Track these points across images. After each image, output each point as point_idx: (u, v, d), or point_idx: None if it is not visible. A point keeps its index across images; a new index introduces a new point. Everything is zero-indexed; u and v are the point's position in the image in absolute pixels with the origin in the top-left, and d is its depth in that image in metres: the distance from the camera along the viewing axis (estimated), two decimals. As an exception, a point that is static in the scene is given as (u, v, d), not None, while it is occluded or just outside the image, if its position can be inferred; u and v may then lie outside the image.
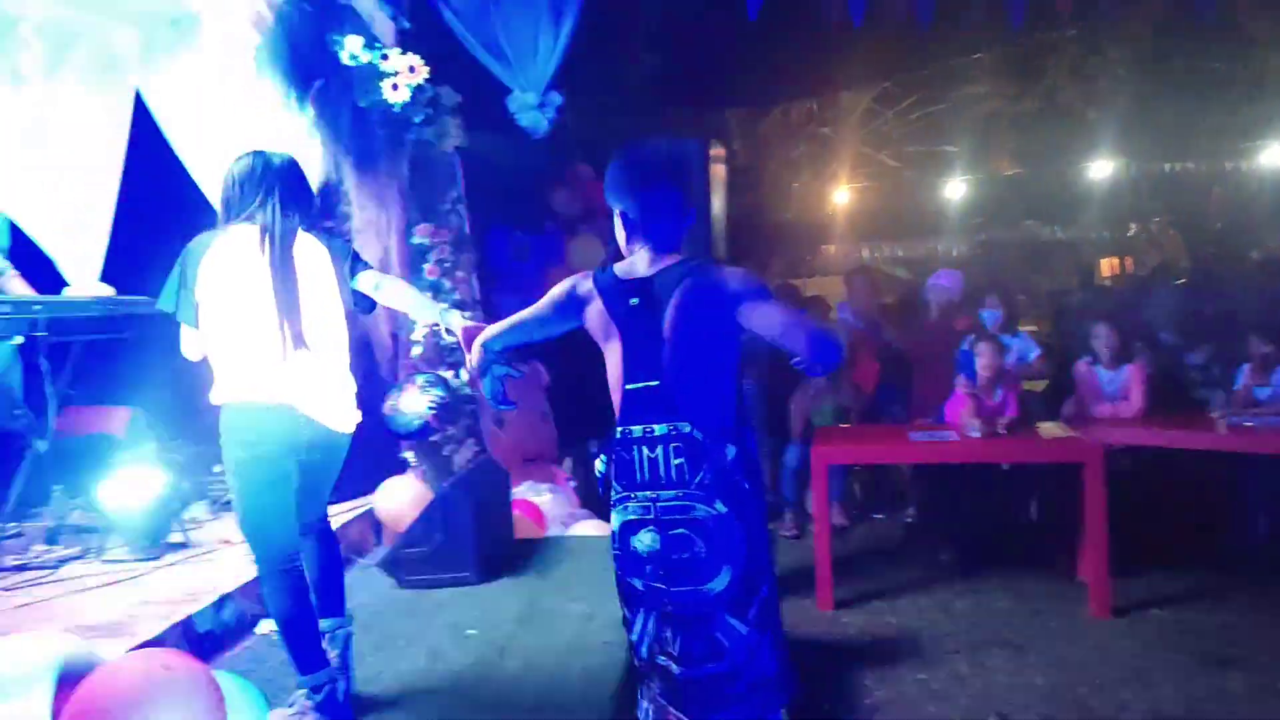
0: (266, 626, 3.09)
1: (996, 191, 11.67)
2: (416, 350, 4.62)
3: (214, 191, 4.59)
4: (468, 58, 4.84)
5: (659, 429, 1.89)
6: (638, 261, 2.00)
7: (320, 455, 2.41)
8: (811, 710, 3.00)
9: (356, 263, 2.50)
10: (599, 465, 2.17)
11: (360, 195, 4.34)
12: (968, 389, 4.36)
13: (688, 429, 1.88)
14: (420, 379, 4.45)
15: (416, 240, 4.52)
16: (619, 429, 1.94)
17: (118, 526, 3.55)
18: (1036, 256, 11.82)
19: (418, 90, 4.22)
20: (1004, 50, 9.18)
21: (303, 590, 2.30)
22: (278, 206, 2.35)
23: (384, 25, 4.31)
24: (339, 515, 4.16)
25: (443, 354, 4.65)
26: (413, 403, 4.39)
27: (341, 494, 4.43)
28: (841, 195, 11.47)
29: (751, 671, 1.90)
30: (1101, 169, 11.00)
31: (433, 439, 4.51)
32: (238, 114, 4.42)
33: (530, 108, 4.83)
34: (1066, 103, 10.49)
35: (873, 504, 5.72)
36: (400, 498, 4.21)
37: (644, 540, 1.90)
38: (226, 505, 4.46)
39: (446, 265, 4.60)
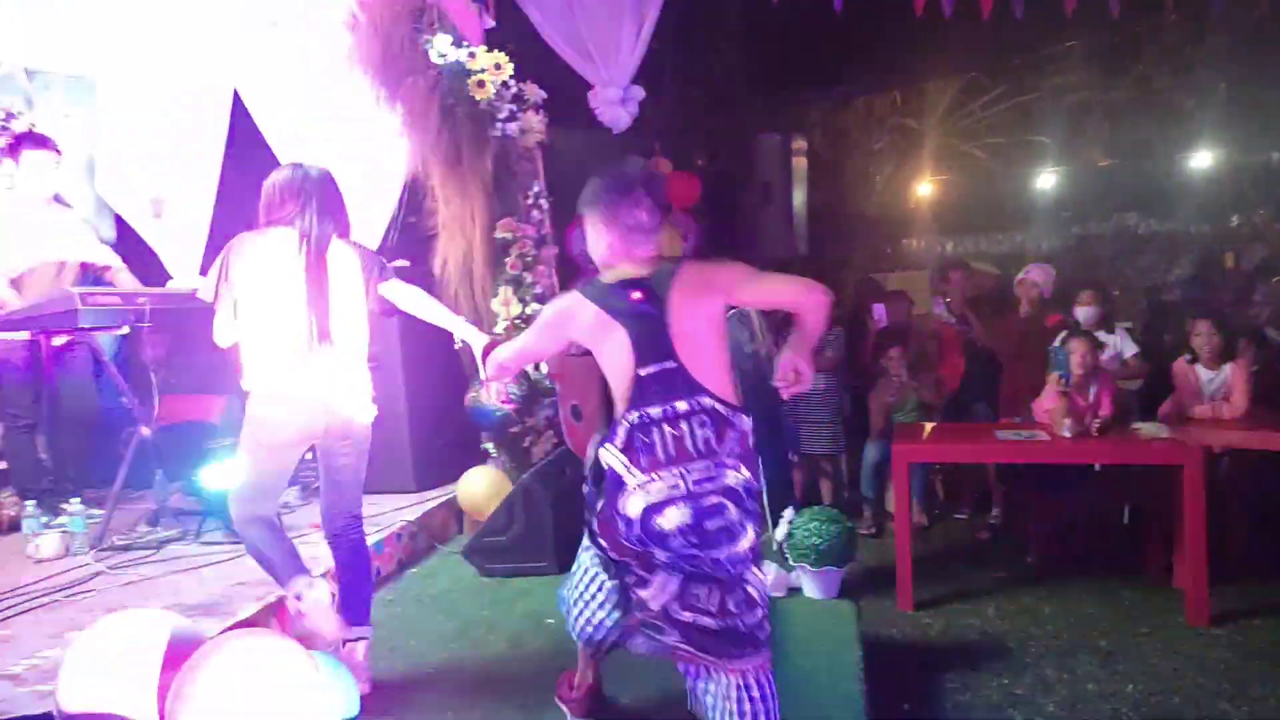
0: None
1: (1089, 183, 11.26)
2: (498, 343, 4.69)
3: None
4: (551, 54, 4.91)
5: (681, 405, 1.99)
6: (625, 268, 2.15)
7: (339, 444, 2.66)
8: (891, 711, 2.96)
9: (383, 271, 2.80)
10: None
11: (446, 190, 4.43)
12: (1060, 386, 4.23)
13: (710, 403, 2.00)
14: (501, 372, 4.52)
15: (499, 235, 4.60)
16: (634, 414, 2.00)
17: (215, 510, 3.71)
18: (1131, 250, 11.37)
19: (502, 87, 4.28)
20: (1097, 38, 8.84)
21: (274, 525, 2.61)
22: (315, 214, 2.60)
23: (471, 24, 4.38)
24: (424, 503, 4.27)
25: (523, 348, 4.72)
26: (493, 395, 4.46)
27: (425, 483, 4.55)
28: (925, 188, 11.23)
29: (766, 614, 2.11)
30: (1200, 159, 10.51)
31: (512, 431, 4.58)
32: (330, 113, 4.57)
33: (612, 103, 4.87)
34: (1162, 91, 10.05)
35: (955, 504, 5.59)
36: (481, 487, 4.29)
37: (672, 516, 1.96)
38: (316, 491, 4.63)
39: (528, 259, 4.66)
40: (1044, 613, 3.88)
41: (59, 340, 3.85)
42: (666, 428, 1.98)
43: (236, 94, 4.82)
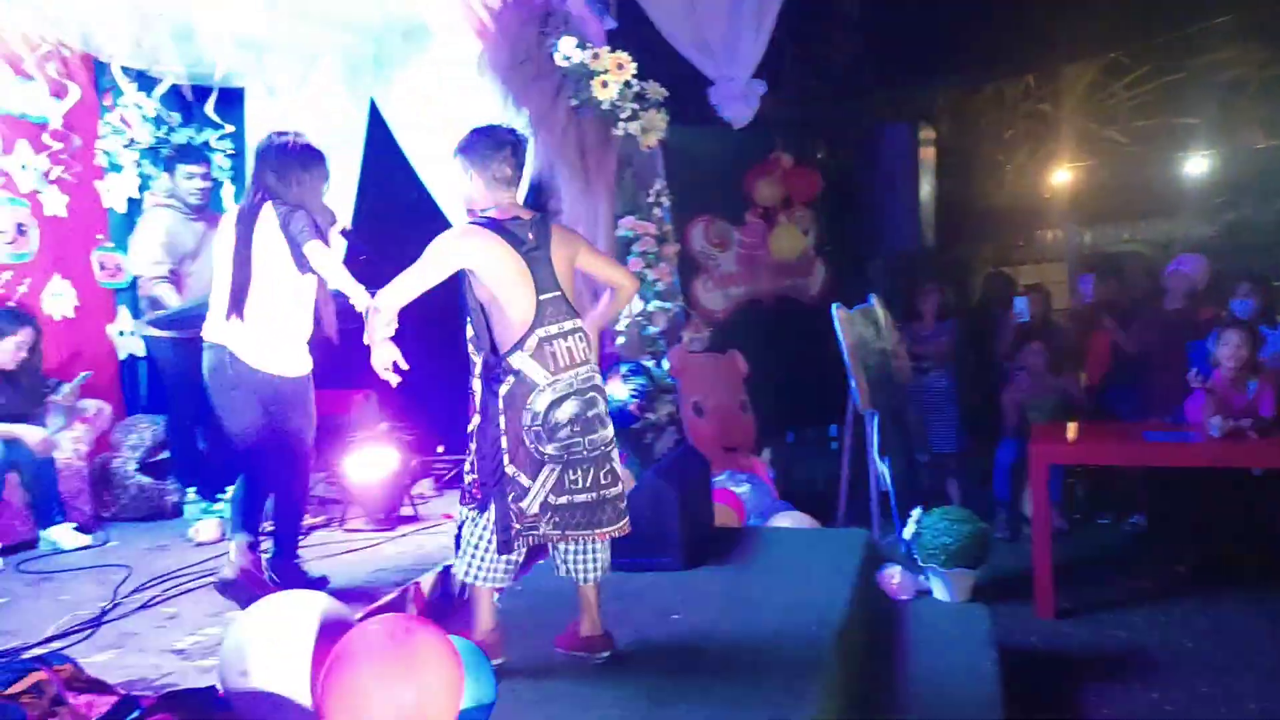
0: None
1: (1244, 167, 10.44)
2: (620, 340, 4.74)
3: (439, 191, 4.95)
4: (670, 52, 4.91)
5: (567, 325, 2.56)
6: (512, 209, 2.62)
7: (268, 392, 3.08)
8: (1030, 721, 2.84)
9: (308, 232, 3.04)
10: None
11: (570, 190, 4.51)
12: (1201, 383, 3.94)
13: (581, 324, 2.62)
14: (623, 368, 4.57)
15: (621, 233, 4.64)
16: (542, 329, 2.52)
17: (358, 499, 3.89)
18: (1294, 238, 10.50)
19: (625, 86, 4.32)
20: (1252, 12, 8.20)
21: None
22: (250, 189, 3.11)
23: (593, 26, 4.44)
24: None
25: (644, 343, 4.76)
26: (615, 391, 4.51)
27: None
28: (1061, 176, 10.67)
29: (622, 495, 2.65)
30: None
31: (634, 427, 4.62)
32: (461, 118, 4.71)
33: (733, 98, 4.84)
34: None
35: (1096, 507, 5.31)
36: (604, 482, 4.33)
37: (567, 409, 2.52)
38: (449, 483, 4.79)
39: (650, 257, 4.69)
40: (1198, 625, 3.65)
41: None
42: (560, 342, 2.54)
43: (373, 103, 5.03)
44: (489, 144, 2.63)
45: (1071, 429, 4.15)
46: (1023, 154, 10.33)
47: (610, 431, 2.61)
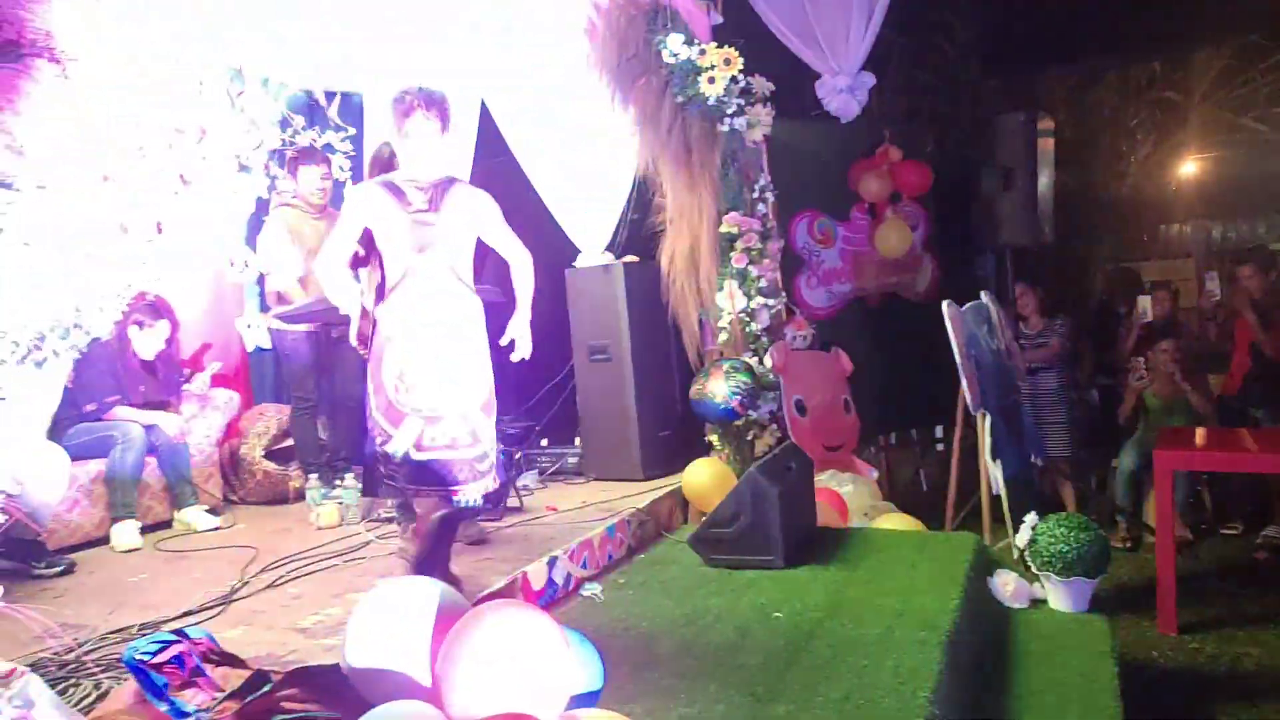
0: (590, 590, 3.35)
1: (1399, 154, 9.65)
2: (722, 336, 4.74)
3: (548, 190, 5.03)
4: (776, 46, 4.87)
5: (439, 285, 2.77)
6: (418, 171, 2.82)
7: None
8: (1152, 741, 2.71)
9: None
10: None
11: (674, 186, 4.52)
12: None
13: (457, 284, 2.82)
14: (725, 364, 4.56)
15: (725, 229, 4.63)
16: (406, 287, 2.74)
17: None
18: None
19: (731, 82, 4.31)
20: None
21: None
22: None
23: (700, 21, 4.44)
24: (651, 492, 4.39)
25: (747, 340, 4.74)
26: (717, 387, 4.50)
27: (650, 472, 4.68)
28: (1189, 167, 10.08)
29: (489, 456, 2.86)
30: None
31: (736, 423, 4.60)
32: (569, 117, 4.79)
33: (840, 91, 4.77)
34: None
35: (1224, 517, 5.02)
36: (705, 478, 4.34)
37: (423, 367, 2.75)
38: (553, 475, 4.89)
39: (753, 253, 4.67)
40: (1341, 647, 3.41)
41: (337, 332, 4.31)
42: (426, 300, 2.72)
43: (483, 104, 5.16)
44: (396, 106, 2.83)
45: (1200, 434, 3.93)
46: (1147, 144, 9.82)
47: (474, 394, 2.78)
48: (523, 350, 3.12)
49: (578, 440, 5.02)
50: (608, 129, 4.52)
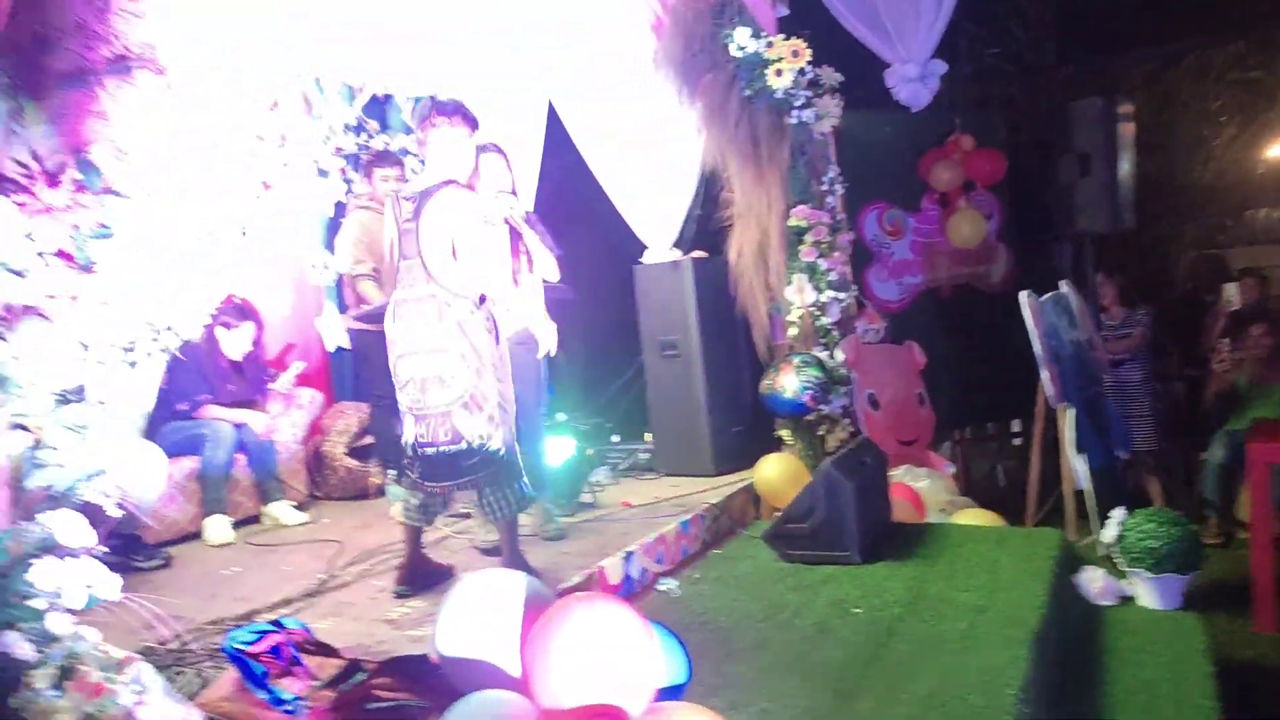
0: (666, 585, 3.37)
1: None
2: (792, 330, 4.70)
3: (615, 190, 5.06)
4: (843, 35, 4.81)
5: (420, 291, 2.93)
6: (411, 189, 3.07)
7: None
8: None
9: None
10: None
11: (742, 180, 4.50)
12: None
13: (439, 290, 2.92)
14: (796, 359, 4.53)
15: (793, 223, 4.60)
16: (397, 294, 2.99)
17: (544, 485, 4.04)
18: None
19: (799, 74, 4.27)
20: None
21: None
22: None
23: (766, 13, 4.41)
24: (724, 487, 4.39)
25: (817, 334, 4.70)
26: (788, 382, 4.48)
27: (722, 467, 4.68)
28: (1277, 149, 9.66)
29: (480, 452, 2.91)
30: None
31: (807, 419, 4.57)
32: (635, 114, 4.81)
33: (910, 80, 4.69)
34: None
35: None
36: (778, 474, 4.32)
37: (408, 368, 2.96)
38: (626, 471, 4.91)
39: (822, 246, 4.62)
40: None
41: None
42: (412, 305, 2.92)
43: (551, 105, 5.21)
44: (416, 117, 3.29)
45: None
46: (1232, 127, 9.42)
47: (452, 393, 2.89)
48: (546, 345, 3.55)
49: (648, 436, 5.04)
50: (674, 125, 4.52)
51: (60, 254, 1.33)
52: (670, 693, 1.97)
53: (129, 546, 3.67)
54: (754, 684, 2.46)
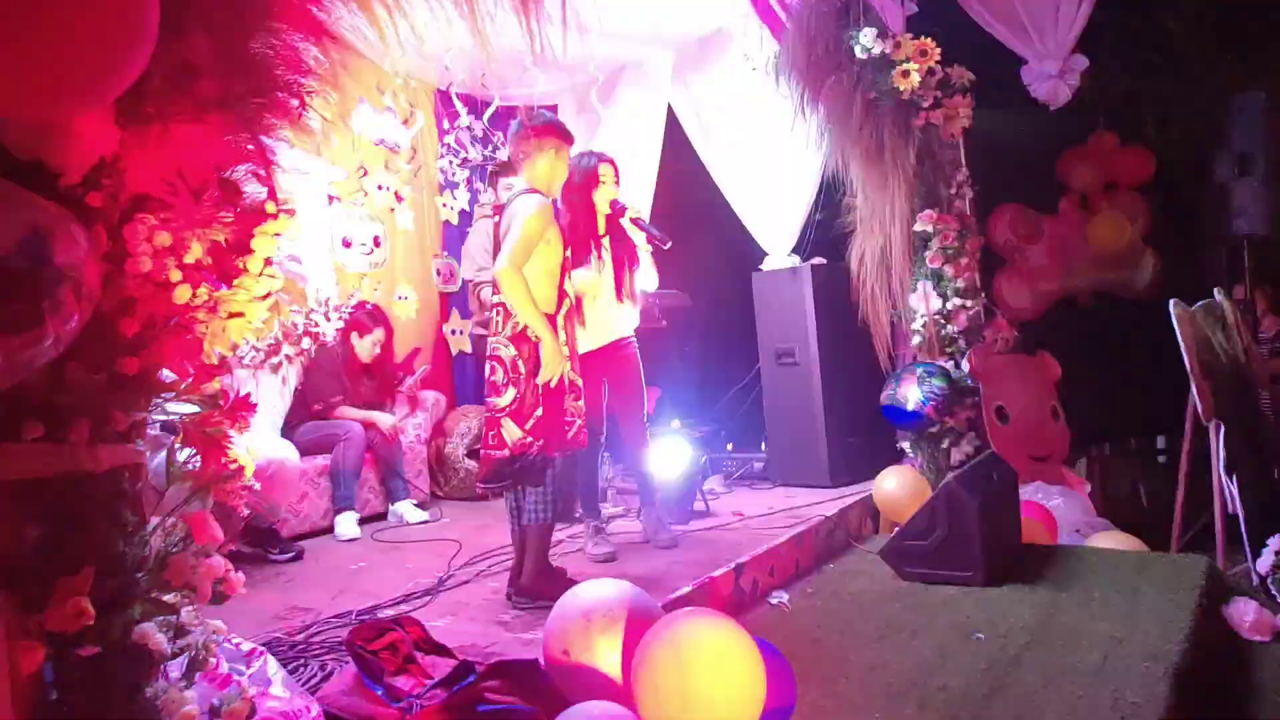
0: (778, 598, 3.31)
1: None
2: (915, 339, 4.55)
3: (733, 193, 5.02)
4: (975, 32, 4.61)
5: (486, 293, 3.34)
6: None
7: None
8: None
9: None
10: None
11: (865, 185, 4.40)
12: None
13: (496, 297, 3.09)
14: (919, 368, 4.38)
15: (919, 228, 4.46)
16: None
17: (652, 492, 4.05)
18: None
19: (927, 73, 4.13)
20: None
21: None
22: None
23: (893, 12, 4.29)
24: (840, 499, 4.28)
25: (942, 343, 4.53)
26: (910, 392, 4.34)
27: (838, 479, 4.57)
28: None
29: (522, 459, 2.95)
30: None
31: (931, 430, 4.41)
32: (755, 118, 4.76)
33: (1049, 77, 4.47)
34: None
35: None
36: (898, 488, 4.19)
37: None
38: (740, 480, 4.87)
39: (949, 252, 4.46)
40: None
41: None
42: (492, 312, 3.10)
43: (670, 109, 5.23)
44: (512, 133, 3.20)
45: None
46: None
47: (498, 399, 2.96)
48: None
49: (764, 445, 4.98)
50: (795, 129, 4.45)
51: (200, 265, 1.41)
52: (777, 714, 1.92)
53: (267, 540, 3.89)
54: (866, 708, 2.38)
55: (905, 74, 4.13)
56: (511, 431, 2.93)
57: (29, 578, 1.29)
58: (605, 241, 3.54)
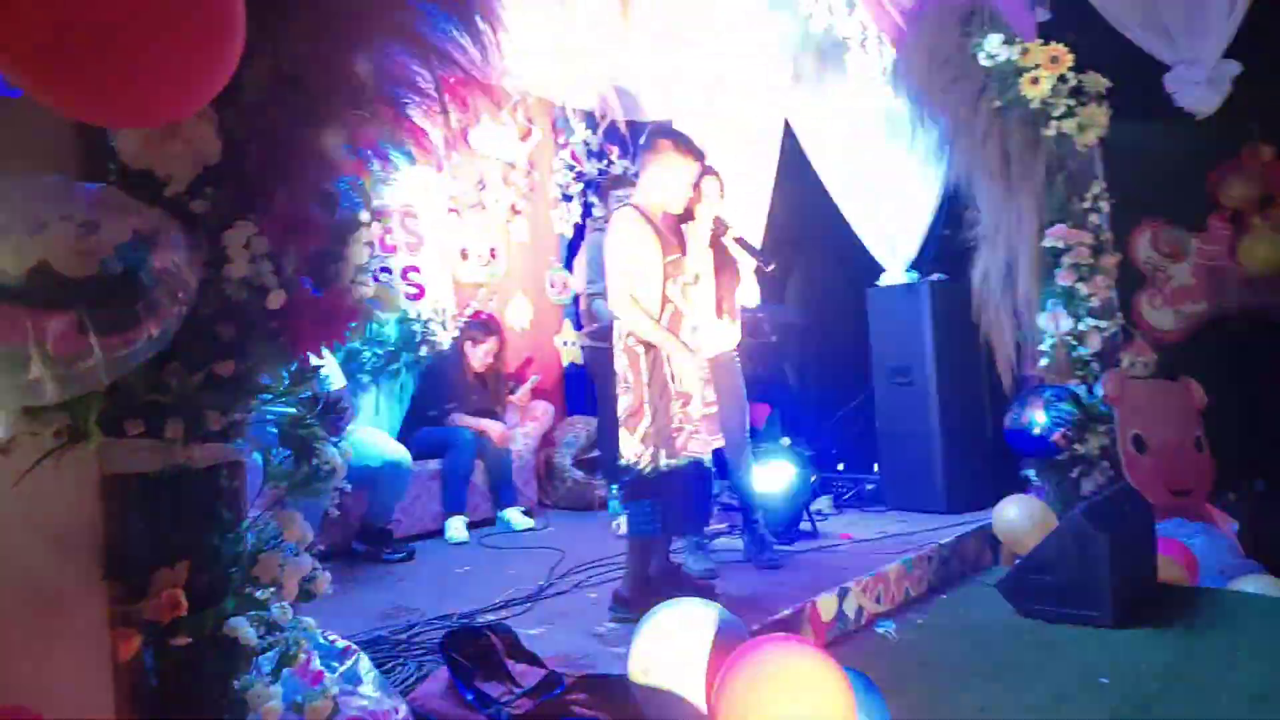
0: (884, 627, 3.18)
1: None
2: (1043, 361, 4.31)
3: (851, 208, 4.90)
4: (1113, 37, 4.36)
5: None
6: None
7: None
8: None
9: None
10: None
11: (990, 198, 4.20)
12: None
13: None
14: (1047, 392, 4.14)
15: (1049, 243, 4.22)
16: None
17: (762, 509, 3.97)
18: None
19: (1059, 81, 3.92)
20: None
21: None
22: None
23: (1023, 18, 4.09)
24: (956, 527, 4.09)
25: (1073, 366, 4.27)
26: (1036, 417, 4.11)
27: (955, 505, 4.37)
28: None
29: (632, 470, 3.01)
30: None
31: (1059, 459, 4.16)
32: (872, 130, 4.63)
33: (1195, 83, 4.16)
34: None
35: None
36: (1021, 518, 3.96)
37: None
38: (849, 502, 4.72)
39: (1083, 269, 4.20)
40: None
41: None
42: None
43: (786, 122, 5.15)
44: (643, 146, 3.15)
45: None
46: None
47: (617, 411, 2.99)
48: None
49: (876, 467, 4.81)
50: (914, 140, 4.30)
51: (296, 271, 1.45)
52: (868, 750, 1.83)
53: (381, 540, 4.01)
54: (971, 750, 2.24)
55: (1034, 81, 3.93)
56: (628, 442, 2.96)
57: (131, 568, 1.36)
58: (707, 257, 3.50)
